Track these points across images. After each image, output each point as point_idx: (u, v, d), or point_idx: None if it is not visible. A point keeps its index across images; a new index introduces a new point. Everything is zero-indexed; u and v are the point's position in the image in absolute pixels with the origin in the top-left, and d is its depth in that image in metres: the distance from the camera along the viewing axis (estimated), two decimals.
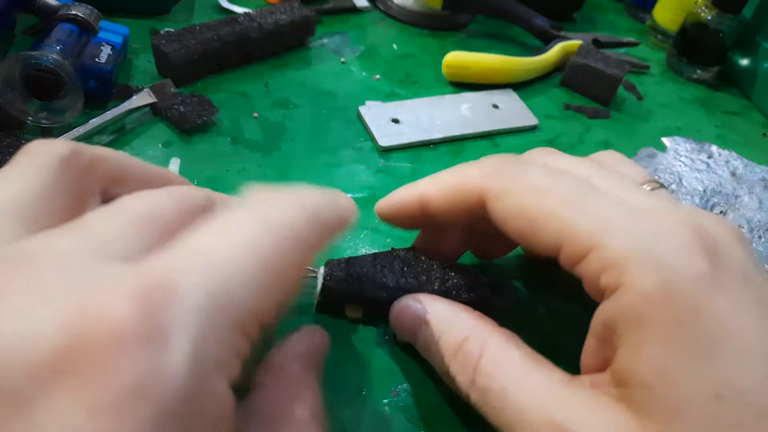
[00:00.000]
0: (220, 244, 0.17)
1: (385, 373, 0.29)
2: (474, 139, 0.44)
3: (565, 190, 0.23)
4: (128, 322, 0.14)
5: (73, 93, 0.35)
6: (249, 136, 0.40)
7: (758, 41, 0.54)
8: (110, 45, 0.39)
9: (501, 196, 0.25)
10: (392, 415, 0.27)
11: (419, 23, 0.55)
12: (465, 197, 0.26)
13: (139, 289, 0.15)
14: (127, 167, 0.23)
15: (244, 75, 0.45)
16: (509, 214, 0.24)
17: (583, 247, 0.22)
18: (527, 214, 0.24)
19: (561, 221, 0.23)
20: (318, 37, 0.51)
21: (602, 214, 0.22)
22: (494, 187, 0.25)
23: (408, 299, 0.28)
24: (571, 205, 0.23)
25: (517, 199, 0.24)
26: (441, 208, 0.27)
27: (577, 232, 0.22)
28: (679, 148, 0.47)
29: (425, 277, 0.29)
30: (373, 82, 0.48)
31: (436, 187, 0.28)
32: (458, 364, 0.25)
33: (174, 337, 0.15)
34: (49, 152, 0.20)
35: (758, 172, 0.45)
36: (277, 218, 0.19)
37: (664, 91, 0.55)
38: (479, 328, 0.25)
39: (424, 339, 0.27)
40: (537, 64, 0.51)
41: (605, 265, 0.21)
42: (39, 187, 0.19)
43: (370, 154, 0.41)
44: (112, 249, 0.17)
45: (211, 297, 0.16)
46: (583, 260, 0.22)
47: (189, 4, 0.51)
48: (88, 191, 0.22)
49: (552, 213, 0.23)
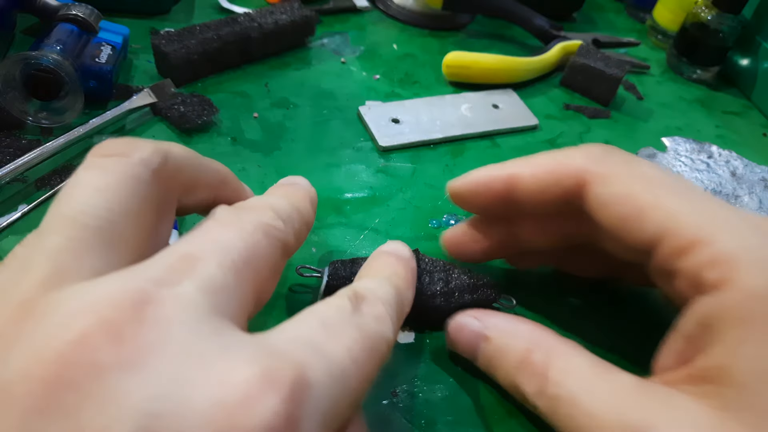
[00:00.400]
0: (328, 343, 0.17)
1: (384, 373, 0.29)
2: (474, 139, 0.44)
3: (674, 183, 0.23)
4: (278, 416, 0.14)
5: (73, 93, 0.35)
6: (249, 136, 0.40)
7: (758, 41, 0.54)
8: (110, 45, 0.39)
9: (607, 181, 0.24)
10: (392, 416, 0.27)
11: (419, 23, 0.55)
12: (561, 179, 0.26)
13: (284, 379, 0.15)
14: (200, 171, 0.22)
15: (244, 75, 0.45)
16: (613, 199, 0.24)
17: (689, 240, 0.22)
18: (633, 201, 0.23)
19: (668, 211, 0.22)
20: (318, 37, 0.51)
21: (711, 209, 0.22)
22: (600, 170, 0.25)
23: (464, 317, 0.28)
24: (680, 196, 0.23)
25: (625, 184, 0.24)
26: (531, 190, 0.27)
27: (684, 223, 0.22)
28: (679, 148, 0.46)
29: (428, 278, 0.29)
30: (373, 82, 0.48)
31: (529, 167, 0.27)
32: (525, 375, 0.24)
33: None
34: (141, 162, 0.19)
35: (758, 172, 0.45)
36: (379, 335, 0.20)
37: (664, 91, 0.55)
38: (541, 338, 0.25)
39: (485, 354, 0.26)
40: (537, 64, 0.51)
41: (712, 260, 0.21)
42: (131, 204, 0.18)
43: (370, 154, 0.41)
44: (223, 303, 0.17)
45: (330, 402, 0.16)
46: (686, 254, 0.22)
47: (189, 4, 0.51)
48: (169, 203, 0.21)
49: (659, 202, 0.23)
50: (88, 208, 0.17)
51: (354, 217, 0.36)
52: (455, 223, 0.37)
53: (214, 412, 0.14)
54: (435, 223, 0.37)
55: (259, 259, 0.19)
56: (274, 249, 0.20)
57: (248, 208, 0.21)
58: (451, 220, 0.37)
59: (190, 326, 0.15)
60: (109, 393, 0.13)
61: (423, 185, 0.39)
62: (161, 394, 0.14)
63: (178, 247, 0.18)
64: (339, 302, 0.20)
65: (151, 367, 0.14)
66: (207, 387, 0.14)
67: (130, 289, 0.15)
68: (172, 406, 0.14)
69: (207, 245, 0.18)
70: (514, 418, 0.28)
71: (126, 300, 0.15)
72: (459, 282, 0.30)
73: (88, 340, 0.14)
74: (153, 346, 0.14)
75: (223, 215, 0.20)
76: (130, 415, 0.13)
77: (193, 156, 0.22)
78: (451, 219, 0.37)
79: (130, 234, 0.18)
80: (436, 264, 0.30)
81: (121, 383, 0.14)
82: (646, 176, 0.24)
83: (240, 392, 0.14)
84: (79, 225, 0.17)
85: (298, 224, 0.23)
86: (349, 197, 0.37)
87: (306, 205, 0.24)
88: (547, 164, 0.27)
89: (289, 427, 0.15)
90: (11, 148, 0.34)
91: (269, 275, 0.20)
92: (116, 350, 0.14)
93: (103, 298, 0.15)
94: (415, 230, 0.36)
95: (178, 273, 0.16)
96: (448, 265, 0.30)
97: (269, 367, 0.15)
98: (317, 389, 0.16)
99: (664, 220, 0.22)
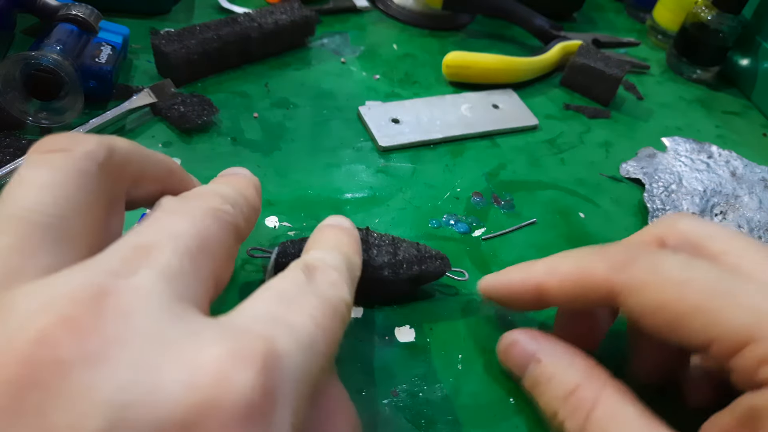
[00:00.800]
0: (290, 314, 0.18)
1: (384, 373, 0.29)
2: (474, 139, 0.44)
3: (707, 281, 0.22)
4: (254, 391, 0.14)
5: (73, 93, 0.35)
6: (249, 136, 0.40)
7: (758, 41, 0.54)
8: (110, 45, 0.39)
9: (637, 292, 0.23)
10: (392, 416, 0.27)
11: (419, 23, 0.55)
12: (590, 291, 0.25)
13: (255, 354, 0.15)
14: (146, 162, 0.22)
15: (244, 75, 0.45)
16: (648, 309, 0.23)
17: (738, 342, 0.21)
18: (670, 310, 0.22)
19: (709, 316, 0.22)
20: (318, 37, 0.51)
21: (754, 305, 0.21)
22: (627, 281, 0.23)
23: (519, 333, 0.27)
24: (718, 297, 0.22)
25: (657, 294, 0.23)
26: (561, 300, 0.26)
27: (729, 327, 0.21)
28: (679, 148, 0.46)
29: (376, 250, 0.30)
30: (373, 82, 0.48)
31: (556, 278, 0.26)
32: (569, 409, 0.24)
33: (281, 408, 0.15)
34: (86, 155, 0.19)
35: (758, 172, 0.45)
36: (337, 298, 0.20)
37: (664, 91, 0.55)
38: (594, 376, 0.25)
39: (533, 377, 0.26)
40: (537, 64, 0.51)
41: (763, 359, 0.21)
42: (78, 199, 0.18)
43: (370, 154, 0.41)
44: (182, 289, 0.17)
45: (302, 371, 0.16)
46: (736, 355, 0.21)
47: (189, 4, 0.51)
48: (118, 196, 0.21)
49: (698, 308, 0.22)
50: (36, 206, 0.17)
51: (354, 217, 0.36)
52: (455, 223, 0.37)
53: (188, 395, 0.14)
54: (435, 223, 0.37)
55: (212, 244, 0.19)
56: (226, 233, 0.20)
57: (195, 196, 0.21)
58: (451, 220, 0.37)
59: (152, 315, 0.15)
60: (76, 389, 0.13)
61: (423, 185, 0.40)
62: (129, 384, 0.14)
63: (129, 238, 0.18)
64: (293, 275, 0.20)
65: (116, 359, 0.14)
66: (177, 372, 0.14)
67: (87, 283, 0.15)
68: (143, 395, 0.13)
69: (159, 234, 0.18)
70: (514, 417, 0.28)
71: (83, 294, 0.15)
72: (407, 254, 0.30)
73: (50, 337, 0.14)
74: (116, 337, 0.14)
75: (170, 204, 0.20)
76: (100, 409, 0.13)
77: (139, 148, 0.22)
78: (451, 219, 0.37)
79: (80, 229, 0.18)
80: (385, 238, 0.31)
81: (86, 377, 0.13)
82: (675, 281, 0.23)
83: (212, 372, 0.14)
84: (26, 223, 0.17)
85: (246, 209, 0.23)
86: (349, 197, 0.37)
87: (251, 191, 0.24)
88: (573, 275, 0.26)
89: (267, 399, 0.15)
90: (11, 148, 0.34)
91: (224, 259, 0.20)
92: (79, 345, 0.14)
93: (60, 294, 0.15)
94: (415, 230, 0.36)
95: (133, 263, 0.16)
96: (397, 239, 0.31)
97: (238, 344, 0.15)
98: (288, 359, 0.16)
99: (706, 325, 0.22)
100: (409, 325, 0.31)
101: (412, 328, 0.31)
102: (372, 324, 0.31)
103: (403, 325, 0.31)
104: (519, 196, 0.40)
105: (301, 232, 0.34)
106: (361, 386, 0.28)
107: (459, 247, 0.36)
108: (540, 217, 0.39)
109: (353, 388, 0.28)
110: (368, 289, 0.30)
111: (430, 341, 0.30)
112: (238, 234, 0.21)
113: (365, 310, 0.31)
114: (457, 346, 0.30)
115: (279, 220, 0.35)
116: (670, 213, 0.28)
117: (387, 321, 0.31)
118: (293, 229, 0.35)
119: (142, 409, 0.13)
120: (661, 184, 0.42)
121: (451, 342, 0.31)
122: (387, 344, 0.30)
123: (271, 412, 0.15)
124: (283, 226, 0.35)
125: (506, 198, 0.40)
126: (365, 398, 0.27)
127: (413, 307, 0.32)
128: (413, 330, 0.31)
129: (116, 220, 0.21)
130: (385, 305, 0.31)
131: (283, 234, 0.34)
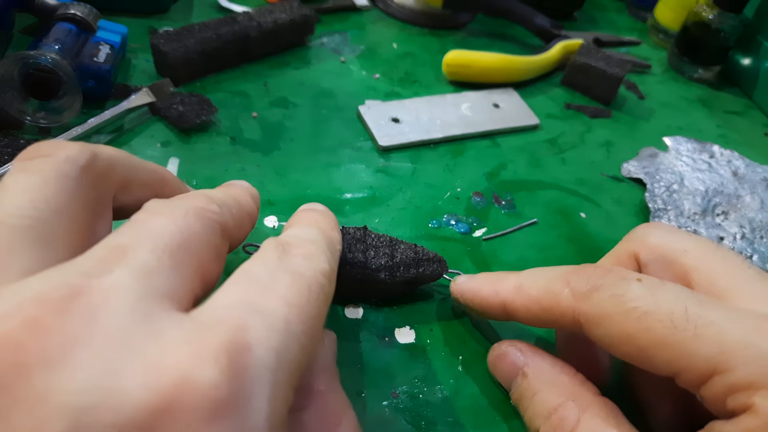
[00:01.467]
0: (262, 298, 0.17)
1: (384, 374, 0.28)
2: (474, 138, 0.44)
3: (670, 312, 0.21)
4: (218, 388, 0.14)
5: (72, 93, 0.35)
6: (248, 135, 0.40)
7: (760, 40, 0.54)
8: (109, 44, 0.39)
9: (600, 323, 0.23)
10: (392, 417, 0.27)
11: (419, 22, 0.55)
12: (557, 317, 0.24)
13: (218, 350, 0.15)
14: (134, 169, 0.22)
15: (243, 74, 0.45)
16: (614, 341, 0.23)
17: (703, 373, 0.21)
18: (634, 343, 0.22)
19: (674, 349, 0.21)
20: (317, 36, 0.50)
21: (717, 336, 0.21)
22: (590, 312, 0.23)
23: (508, 345, 0.27)
24: (681, 329, 0.21)
25: (619, 326, 0.22)
26: (528, 321, 0.26)
27: (694, 359, 0.21)
28: (680, 148, 0.46)
29: (373, 252, 0.30)
30: (373, 81, 0.47)
31: (522, 299, 0.26)
32: (550, 427, 0.24)
33: (255, 400, 0.15)
34: (66, 159, 0.19)
35: (760, 172, 0.45)
36: (313, 270, 0.19)
37: (666, 90, 0.55)
38: (579, 394, 0.24)
39: (519, 391, 0.26)
40: (538, 63, 0.50)
41: (730, 389, 0.20)
42: (59, 201, 0.18)
43: (370, 153, 0.41)
44: (158, 286, 0.16)
45: (277, 357, 0.16)
46: (705, 384, 0.21)
47: (188, 3, 0.50)
48: (103, 201, 0.21)
49: (662, 341, 0.21)
50: (14, 209, 0.17)
51: (354, 217, 0.36)
52: (456, 223, 0.37)
53: (151, 399, 0.13)
54: (435, 223, 0.37)
55: (195, 242, 0.19)
56: (211, 231, 0.20)
57: (180, 197, 0.21)
58: (451, 220, 0.37)
59: (121, 313, 0.15)
60: (36, 392, 0.13)
61: (423, 185, 0.39)
62: (89, 387, 0.13)
63: (108, 240, 0.17)
64: (264, 254, 0.20)
65: (77, 360, 0.14)
66: (139, 373, 0.14)
67: (59, 284, 0.15)
68: (103, 399, 0.13)
69: (138, 234, 0.18)
70: (514, 419, 0.28)
71: (54, 295, 0.15)
72: (404, 257, 0.30)
73: (12, 340, 0.14)
74: (79, 337, 0.14)
75: (153, 206, 0.20)
76: (59, 413, 0.13)
77: (125, 155, 0.22)
78: (452, 219, 0.37)
79: (61, 231, 0.18)
80: (383, 239, 0.30)
81: (46, 380, 0.13)
82: (639, 312, 0.22)
83: (174, 372, 0.14)
84: (5, 227, 0.16)
85: (236, 210, 0.22)
86: (349, 197, 0.37)
87: (245, 197, 0.24)
88: (539, 299, 0.25)
89: (236, 393, 0.14)
90: (9, 148, 0.34)
91: (211, 257, 0.19)
92: (40, 347, 0.14)
93: (30, 296, 0.15)
94: (415, 230, 0.36)
95: (108, 263, 0.16)
96: (395, 240, 0.31)
97: (202, 341, 0.15)
98: (260, 348, 0.15)
99: (672, 358, 0.21)
100: (409, 326, 0.31)
101: (412, 330, 0.31)
102: (372, 325, 0.30)
103: (403, 327, 0.31)
104: (520, 196, 0.40)
105: None
106: (360, 388, 0.28)
107: (459, 248, 0.36)
108: (541, 217, 0.39)
109: (353, 390, 0.27)
110: (365, 290, 0.30)
111: (430, 342, 0.30)
112: (225, 233, 0.21)
113: (365, 311, 0.31)
114: (457, 348, 0.30)
115: (278, 220, 0.35)
116: (644, 224, 0.28)
117: (387, 322, 0.31)
118: None
119: (102, 413, 0.13)
120: (662, 183, 0.42)
121: (451, 343, 0.30)
122: (387, 345, 0.30)
123: (243, 405, 0.14)
124: (283, 225, 0.35)
125: (507, 198, 0.40)
126: (365, 400, 0.27)
127: (413, 308, 0.32)
128: (413, 331, 0.31)
129: (103, 225, 0.21)
130: (384, 306, 0.31)
131: None
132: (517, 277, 0.27)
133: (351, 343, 0.29)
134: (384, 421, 0.27)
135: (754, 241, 0.39)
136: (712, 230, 0.39)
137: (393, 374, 0.29)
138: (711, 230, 0.39)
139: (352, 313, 0.31)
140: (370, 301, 0.31)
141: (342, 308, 0.31)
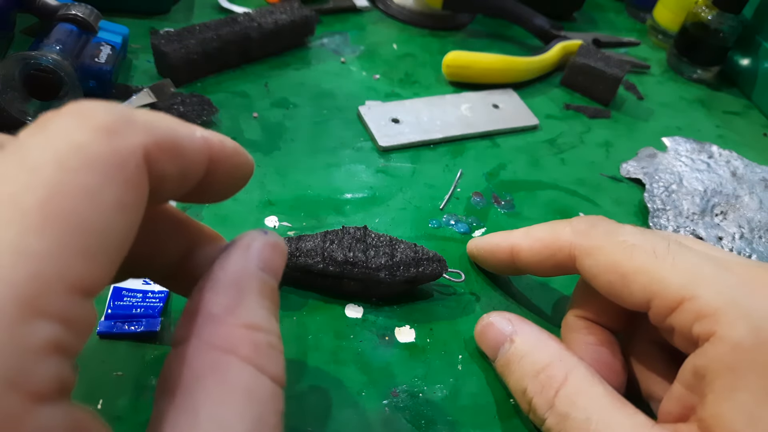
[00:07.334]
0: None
1: (384, 373, 0.29)
2: (474, 139, 0.44)
3: (654, 246, 0.24)
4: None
5: (73, 93, 0.35)
6: (248, 136, 0.40)
7: (759, 41, 0.54)
8: (110, 45, 0.39)
9: (592, 253, 0.26)
10: (392, 416, 0.27)
11: (419, 23, 0.55)
12: (555, 252, 0.28)
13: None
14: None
15: (244, 75, 0.45)
16: (600, 269, 0.25)
17: (674, 299, 0.23)
18: (618, 270, 0.25)
19: (651, 275, 0.24)
20: (318, 36, 0.51)
21: (692, 267, 0.23)
22: (586, 244, 0.26)
23: (496, 315, 0.29)
24: (661, 258, 0.24)
25: (608, 255, 0.25)
26: (530, 260, 0.29)
27: (667, 284, 0.23)
28: (679, 148, 0.46)
29: (374, 251, 0.30)
30: (373, 81, 0.47)
31: (528, 240, 0.29)
32: (538, 384, 0.25)
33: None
34: (132, 145, 0.15)
35: (759, 172, 0.45)
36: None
37: (665, 90, 0.55)
38: (565, 356, 0.26)
39: (506, 356, 0.27)
40: (537, 63, 0.50)
41: (697, 315, 0.22)
42: (134, 215, 0.15)
43: (370, 154, 0.41)
44: None
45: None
46: (674, 312, 0.23)
47: (188, 4, 0.50)
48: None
49: (642, 267, 0.24)
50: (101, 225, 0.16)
51: (354, 217, 0.36)
52: (455, 223, 0.37)
53: None
54: (435, 223, 0.37)
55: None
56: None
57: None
58: (451, 220, 0.37)
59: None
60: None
61: (423, 185, 0.39)
62: None
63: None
64: None
65: None
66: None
67: None
68: None
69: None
70: (514, 418, 0.28)
71: None
72: (404, 256, 0.30)
73: None
74: None
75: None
76: None
77: (171, 124, 0.20)
78: (452, 219, 0.37)
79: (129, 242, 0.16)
80: (383, 239, 0.31)
81: None
82: (627, 244, 0.25)
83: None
84: None
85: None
86: (349, 197, 0.37)
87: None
88: (543, 238, 0.28)
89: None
90: None
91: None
92: None
93: None
94: (415, 230, 0.36)
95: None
96: (394, 240, 0.31)
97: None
98: None
99: (648, 283, 0.24)
100: (409, 325, 0.31)
101: (412, 329, 0.31)
102: (372, 324, 0.30)
103: (403, 326, 0.31)
104: (519, 196, 0.40)
105: (301, 231, 0.34)
106: (360, 387, 0.28)
107: (459, 248, 0.36)
108: (540, 217, 0.39)
109: (353, 389, 0.28)
110: (365, 289, 0.30)
111: (430, 341, 0.30)
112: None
113: (365, 310, 0.31)
114: (457, 347, 0.30)
115: (279, 220, 0.35)
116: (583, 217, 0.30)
117: (387, 321, 0.31)
118: (293, 229, 0.35)
119: None
120: (661, 184, 0.42)
121: (451, 342, 0.30)
122: (387, 344, 0.30)
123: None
124: (283, 225, 0.35)
125: (506, 198, 0.40)
126: (365, 399, 0.27)
127: (413, 308, 0.32)
128: (413, 330, 0.31)
129: None
130: (384, 305, 0.31)
131: (283, 234, 0.34)
132: (526, 228, 0.30)
133: (351, 342, 0.30)
134: (384, 420, 0.27)
135: (753, 241, 0.40)
136: (710, 230, 0.40)
137: (393, 373, 0.29)
138: (710, 230, 0.40)
139: (352, 312, 0.31)
140: (370, 301, 0.31)
141: (342, 307, 0.31)
